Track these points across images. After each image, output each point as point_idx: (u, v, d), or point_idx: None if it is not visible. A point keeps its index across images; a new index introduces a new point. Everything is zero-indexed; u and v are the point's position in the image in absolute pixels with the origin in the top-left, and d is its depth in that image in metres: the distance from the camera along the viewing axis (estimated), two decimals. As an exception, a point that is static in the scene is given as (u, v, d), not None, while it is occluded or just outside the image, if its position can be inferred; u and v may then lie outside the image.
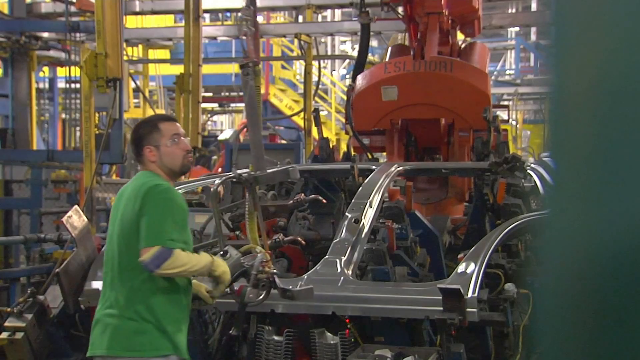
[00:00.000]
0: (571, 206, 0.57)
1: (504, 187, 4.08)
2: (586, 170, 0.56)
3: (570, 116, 0.57)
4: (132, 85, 11.82)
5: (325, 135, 5.62)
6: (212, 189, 3.65)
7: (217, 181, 3.63)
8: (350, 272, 3.28)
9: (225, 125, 23.07)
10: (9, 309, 3.90)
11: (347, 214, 3.69)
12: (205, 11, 11.23)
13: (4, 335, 3.63)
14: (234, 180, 3.08)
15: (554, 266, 0.59)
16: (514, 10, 21.67)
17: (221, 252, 3.14)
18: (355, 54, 7.02)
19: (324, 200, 4.10)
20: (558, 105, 0.57)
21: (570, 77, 0.56)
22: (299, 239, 3.67)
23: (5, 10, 11.54)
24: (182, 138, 3.25)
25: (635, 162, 0.55)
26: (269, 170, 3.30)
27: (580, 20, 0.56)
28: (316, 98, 13.83)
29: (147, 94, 14.06)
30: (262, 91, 15.86)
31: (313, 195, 4.20)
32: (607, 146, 0.55)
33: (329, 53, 18.75)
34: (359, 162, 4.58)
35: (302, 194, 4.22)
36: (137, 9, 11.33)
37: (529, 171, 4.50)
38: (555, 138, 0.57)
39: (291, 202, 4.12)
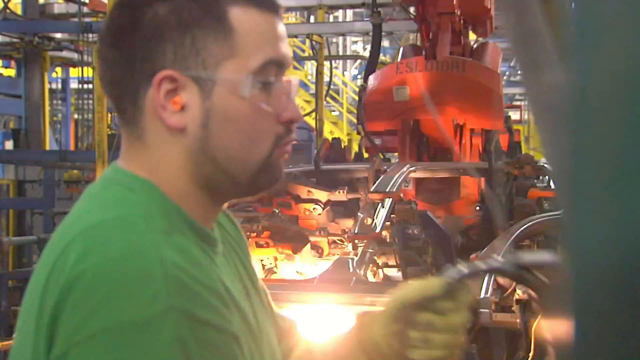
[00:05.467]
0: (592, 208, 0.57)
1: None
2: (608, 172, 0.56)
3: (592, 117, 0.56)
4: (144, 85, 11.85)
5: (336, 136, 5.61)
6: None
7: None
8: (362, 273, 3.28)
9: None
10: (22, 309, 3.91)
11: (359, 214, 3.69)
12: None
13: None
14: None
15: (578, 266, 0.59)
16: (526, 10, 21.58)
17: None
18: (367, 54, 7.02)
19: (363, 198, 3.96)
20: (579, 107, 0.57)
21: (591, 78, 0.56)
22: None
23: (19, 11, 11.60)
24: None
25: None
26: None
27: (601, 19, 0.55)
28: (327, 98, 13.83)
29: (159, 95, 14.04)
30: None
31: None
32: (630, 146, 0.55)
33: (341, 53, 18.74)
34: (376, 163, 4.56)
35: (345, 188, 4.19)
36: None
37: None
38: (577, 138, 0.57)
39: (334, 192, 4.08)
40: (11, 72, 13.67)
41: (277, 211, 3.92)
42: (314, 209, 4.00)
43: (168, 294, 0.91)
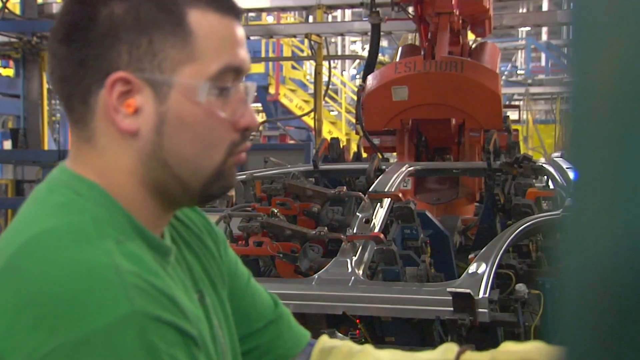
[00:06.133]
0: (593, 207, 0.57)
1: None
2: (608, 171, 0.55)
3: (592, 116, 0.56)
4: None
5: (335, 135, 5.61)
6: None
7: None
8: (361, 272, 3.28)
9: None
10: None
11: (357, 213, 3.69)
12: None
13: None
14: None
15: (574, 267, 0.59)
16: (524, 10, 21.60)
17: None
18: (365, 54, 7.02)
19: (365, 198, 3.92)
20: (579, 106, 0.56)
21: (591, 77, 0.56)
22: (342, 236, 3.51)
23: (17, 11, 11.59)
24: None
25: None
26: None
27: (601, 17, 0.55)
28: (326, 98, 13.83)
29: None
30: (272, 91, 15.90)
31: (355, 192, 4.11)
32: (630, 146, 0.54)
33: (339, 53, 18.73)
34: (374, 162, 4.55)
35: (345, 187, 4.18)
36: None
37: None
38: (576, 138, 0.57)
39: (333, 192, 4.08)
40: (10, 71, 13.66)
41: (275, 211, 3.92)
42: (313, 208, 4.00)
43: (128, 298, 0.87)
